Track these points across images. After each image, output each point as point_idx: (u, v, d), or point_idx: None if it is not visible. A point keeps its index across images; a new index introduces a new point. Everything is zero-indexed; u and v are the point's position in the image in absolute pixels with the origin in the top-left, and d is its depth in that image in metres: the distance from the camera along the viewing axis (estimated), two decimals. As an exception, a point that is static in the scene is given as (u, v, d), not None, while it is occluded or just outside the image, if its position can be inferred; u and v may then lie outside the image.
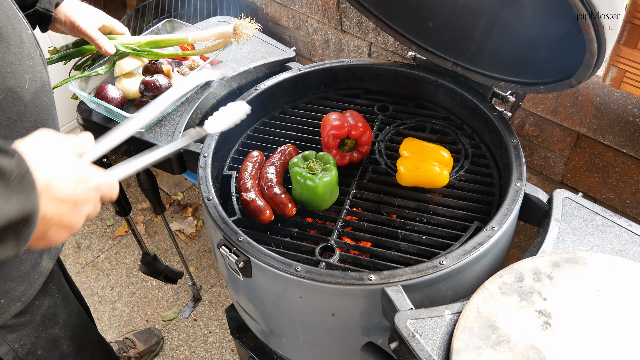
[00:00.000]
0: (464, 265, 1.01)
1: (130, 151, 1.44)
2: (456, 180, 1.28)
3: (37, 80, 0.83)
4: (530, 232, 1.78)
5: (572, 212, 1.11)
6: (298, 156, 1.22)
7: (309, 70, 1.50)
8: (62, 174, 0.70)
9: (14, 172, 0.61)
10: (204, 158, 1.26)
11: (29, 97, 0.81)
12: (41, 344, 1.16)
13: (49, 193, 0.68)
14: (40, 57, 0.85)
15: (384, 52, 1.89)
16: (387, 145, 1.38)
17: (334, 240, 1.15)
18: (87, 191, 0.74)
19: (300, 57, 2.27)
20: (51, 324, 1.18)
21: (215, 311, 2.37)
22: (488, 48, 1.32)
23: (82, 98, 1.43)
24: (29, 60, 0.80)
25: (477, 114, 1.37)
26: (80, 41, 1.48)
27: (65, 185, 0.70)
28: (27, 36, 0.81)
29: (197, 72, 1.46)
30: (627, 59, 1.14)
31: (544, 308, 0.89)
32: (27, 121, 0.81)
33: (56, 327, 1.20)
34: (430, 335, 0.88)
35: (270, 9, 2.22)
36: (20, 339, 1.10)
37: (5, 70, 0.75)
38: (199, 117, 1.47)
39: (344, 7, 1.90)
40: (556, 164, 1.60)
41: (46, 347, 1.17)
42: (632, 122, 1.34)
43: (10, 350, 1.08)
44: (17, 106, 0.79)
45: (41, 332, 1.16)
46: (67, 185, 0.70)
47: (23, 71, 0.79)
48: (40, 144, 0.70)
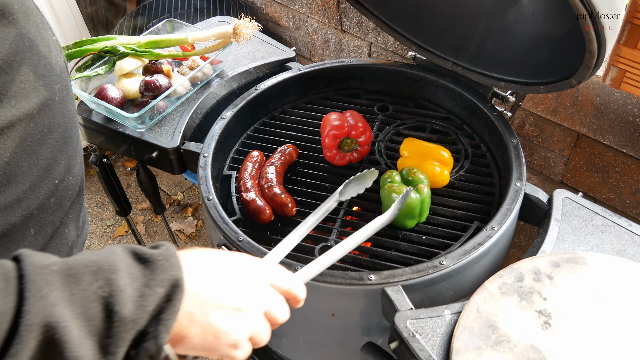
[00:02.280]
0: (464, 265, 1.01)
1: (130, 151, 1.44)
2: (456, 180, 1.28)
3: (64, 90, 0.81)
4: (530, 232, 1.78)
5: (572, 212, 1.10)
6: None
7: (309, 70, 1.50)
8: (223, 266, 0.64)
9: (160, 255, 0.57)
10: (204, 158, 1.26)
11: (58, 108, 0.79)
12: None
13: (196, 276, 0.60)
14: (64, 62, 0.83)
15: (384, 52, 1.89)
16: (387, 146, 1.38)
17: (333, 240, 1.15)
18: (251, 293, 0.65)
19: (300, 57, 2.27)
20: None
21: (215, 311, 2.37)
22: (488, 48, 1.32)
23: (82, 98, 1.43)
24: (57, 68, 0.79)
25: (477, 114, 1.37)
26: (80, 41, 1.48)
27: (218, 280, 0.62)
28: (53, 43, 0.79)
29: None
30: (627, 59, 1.14)
31: (544, 308, 0.89)
32: (55, 132, 0.80)
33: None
34: (430, 335, 0.88)
35: (270, 9, 2.22)
36: None
37: (37, 85, 0.73)
38: (199, 117, 1.47)
39: (344, 7, 1.90)
40: (556, 164, 1.60)
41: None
42: (632, 122, 1.34)
43: None
44: (48, 118, 0.77)
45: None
46: (220, 281, 0.62)
47: (53, 82, 0.77)
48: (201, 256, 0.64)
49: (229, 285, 0.63)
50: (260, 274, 0.69)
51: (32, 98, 0.73)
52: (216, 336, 0.61)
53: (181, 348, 0.60)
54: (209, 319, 0.60)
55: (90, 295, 0.51)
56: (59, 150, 0.82)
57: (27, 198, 0.76)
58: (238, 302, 0.63)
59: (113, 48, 1.47)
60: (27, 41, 0.72)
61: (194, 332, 0.60)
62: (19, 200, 0.75)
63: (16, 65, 0.70)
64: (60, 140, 0.82)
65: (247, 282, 0.65)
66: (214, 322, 0.61)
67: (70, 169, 0.87)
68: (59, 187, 0.83)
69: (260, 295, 0.67)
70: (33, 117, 0.74)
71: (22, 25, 0.71)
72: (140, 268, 0.55)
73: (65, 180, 0.85)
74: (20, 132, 0.72)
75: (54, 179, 0.82)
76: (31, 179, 0.77)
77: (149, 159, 1.39)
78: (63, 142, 0.83)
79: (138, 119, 1.36)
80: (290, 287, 0.72)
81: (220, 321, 0.61)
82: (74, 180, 0.88)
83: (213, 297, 0.61)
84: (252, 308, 0.65)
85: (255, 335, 0.66)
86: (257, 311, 0.66)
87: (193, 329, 0.59)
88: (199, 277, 0.61)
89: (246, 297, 0.64)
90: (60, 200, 0.85)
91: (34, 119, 0.74)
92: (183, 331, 0.59)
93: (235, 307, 0.63)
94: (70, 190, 0.87)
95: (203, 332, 0.60)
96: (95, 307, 0.51)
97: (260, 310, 0.66)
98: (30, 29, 0.73)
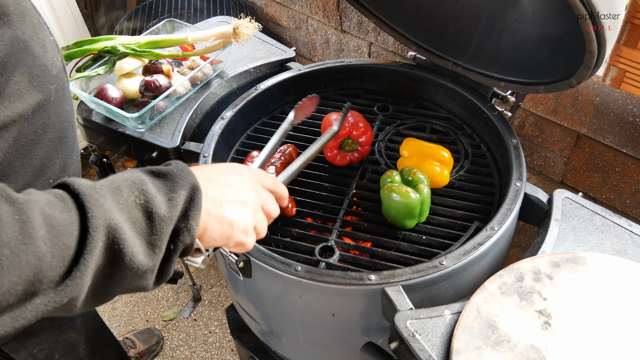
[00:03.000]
0: (464, 265, 1.01)
1: (130, 151, 1.44)
2: (456, 180, 1.28)
3: (59, 90, 0.82)
4: (530, 232, 1.78)
5: (572, 212, 1.10)
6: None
7: (309, 70, 1.50)
8: (222, 173, 0.76)
9: (174, 168, 0.66)
10: (204, 158, 1.26)
11: (53, 108, 0.80)
12: (58, 349, 1.15)
13: (206, 181, 0.71)
14: (62, 63, 0.84)
15: (384, 52, 1.89)
16: (387, 145, 1.38)
17: (333, 240, 1.15)
18: (250, 190, 0.77)
19: (300, 57, 2.27)
20: (68, 328, 1.18)
21: (215, 311, 2.37)
22: (488, 48, 1.32)
23: (82, 98, 1.43)
24: (53, 69, 0.79)
25: (477, 114, 1.37)
26: (80, 41, 1.48)
27: (223, 182, 0.74)
28: (50, 44, 0.80)
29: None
30: (627, 59, 1.14)
31: (544, 308, 0.89)
32: (50, 132, 0.81)
33: (73, 332, 1.19)
34: (430, 335, 0.88)
35: (270, 9, 2.22)
36: (38, 344, 1.09)
37: (32, 86, 0.74)
38: (199, 117, 1.47)
39: (344, 7, 1.90)
40: (556, 164, 1.60)
41: (63, 351, 1.17)
42: (632, 122, 1.34)
43: (29, 355, 1.07)
44: (43, 119, 0.78)
45: (59, 336, 1.15)
46: (225, 183, 0.74)
47: (48, 82, 0.78)
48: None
49: (231, 185, 0.75)
50: (252, 175, 0.80)
51: (27, 99, 0.74)
52: (230, 225, 0.72)
53: (205, 241, 0.71)
54: (222, 212, 0.72)
55: (131, 203, 0.60)
56: (53, 150, 0.83)
57: None
58: (241, 196, 0.75)
59: (113, 48, 1.47)
60: (22, 42, 0.72)
61: (213, 225, 0.71)
62: None
63: (10, 66, 0.70)
64: (55, 140, 0.83)
65: (244, 182, 0.77)
66: (227, 214, 0.72)
67: (65, 169, 0.88)
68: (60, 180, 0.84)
69: (255, 190, 0.78)
70: (27, 118, 0.75)
71: (17, 27, 0.71)
72: (161, 180, 0.65)
73: (61, 179, 0.86)
74: (13, 133, 0.73)
75: (49, 178, 0.83)
76: (25, 179, 0.78)
77: (149, 159, 1.39)
78: (58, 142, 0.84)
79: (138, 119, 1.36)
80: (275, 185, 0.85)
81: (232, 212, 0.73)
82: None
83: (222, 195, 0.73)
84: (253, 201, 0.77)
85: (258, 224, 0.78)
86: (256, 203, 0.78)
87: (212, 222, 0.70)
88: (207, 181, 0.72)
89: (246, 192, 0.76)
90: None
91: (28, 120, 0.75)
92: (204, 224, 0.70)
93: (240, 201, 0.75)
94: None
95: (220, 223, 0.71)
96: (137, 212, 0.60)
97: (259, 203, 0.79)
98: (26, 30, 0.73)
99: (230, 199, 0.73)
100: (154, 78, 1.43)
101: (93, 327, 1.30)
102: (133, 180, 0.62)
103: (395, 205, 1.11)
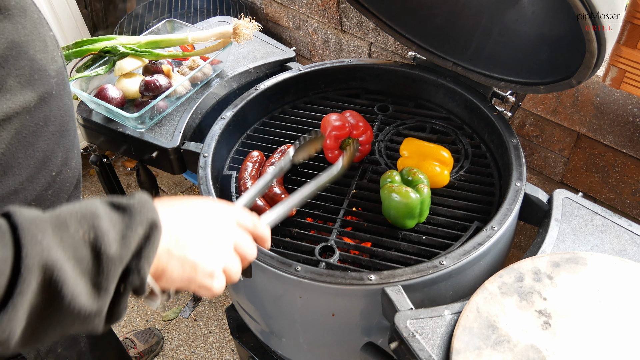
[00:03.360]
0: (464, 265, 1.01)
1: (130, 151, 1.44)
2: (456, 180, 1.28)
3: (60, 84, 0.83)
4: (530, 232, 1.78)
5: (572, 212, 1.10)
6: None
7: (309, 70, 1.50)
8: (194, 209, 0.71)
9: (135, 202, 0.62)
10: (204, 158, 1.26)
11: (54, 102, 0.81)
12: (61, 342, 1.16)
13: (171, 218, 0.67)
14: (62, 58, 0.85)
15: (384, 52, 1.89)
16: (387, 145, 1.38)
17: (333, 240, 1.15)
18: (221, 229, 0.72)
19: (300, 57, 2.27)
20: None
21: (215, 311, 2.37)
22: (488, 48, 1.32)
23: (82, 98, 1.43)
24: (53, 64, 0.80)
25: (477, 114, 1.37)
26: (80, 41, 1.48)
27: (190, 219, 0.69)
28: (50, 39, 0.81)
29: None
30: (627, 59, 1.14)
31: (544, 308, 0.89)
32: (52, 125, 0.82)
33: None
34: (430, 335, 0.88)
35: (270, 9, 2.22)
36: None
37: (33, 78, 0.75)
38: (199, 117, 1.47)
39: (344, 7, 1.90)
40: (556, 164, 1.60)
41: (66, 344, 1.18)
42: (632, 122, 1.34)
43: (33, 348, 1.08)
44: (44, 112, 0.79)
45: None
46: (192, 220, 0.69)
47: (49, 76, 0.79)
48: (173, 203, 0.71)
49: (200, 223, 0.70)
50: (227, 214, 0.75)
51: (28, 92, 0.75)
52: (193, 267, 0.67)
53: (164, 282, 0.66)
54: (185, 253, 0.67)
55: (78, 240, 0.56)
56: (55, 143, 0.84)
57: (25, 189, 0.77)
58: (209, 236, 0.70)
59: (113, 48, 1.47)
60: (23, 37, 0.73)
61: (173, 266, 0.66)
62: (16, 191, 0.75)
63: (12, 59, 0.71)
64: (57, 133, 0.84)
65: (216, 220, 0.72)
66: (190, 255, 0.67)
67: (67, 162, 0.89)
68: (57, 179, 0.84)
69: (228, 231, 0.73)
70: (29, 110, 0.76)
71: (17, 21, 0.72)
72: (119, 214, 0.60)
73: (63, 172, 0.86)
74: (16, 125, 0.74)
75: (51, 171, 0.84)
76: (28, 171, 0.79)
77: (149, 159, 1.39)
78: (59, 134, 0.85)
79: (138, 119, 1.36)
80: (255, 226, 0.79)
81: (196, 254, 0.68)
82: (71, 173, 0.89)
83: (187, 234, 0.68)
84: (223, 241, 0.72)
85: (227, 268, 0.73)
86: (228, 244, 0.72)
87: (172, 262, 0.66)
88: (172, 218, 0.67)
89: (216, 232, 0.71)
90: (58, 193, 0.85)
91: (30, 112, 0.76)
92: (163, 265, 0.65)
93: (208, 241, 0.69)
94: (68, 183, 0.88)
95: (181, 265, 0.66)
96: (84, 250, 0.56)
97: (230, 244, 0.73)
98: (26, 25, 0.74)
99: (197, 238, 0.68)
100: (154, 78, 1.43)
101: None
102: (84, 213, 0.58)
103: (395, 205, 1.11)
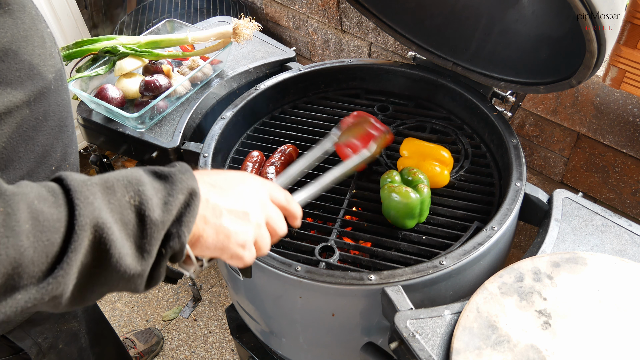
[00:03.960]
0: (464, 265, 1.01)
1: (130, 151, 1.44)
2: (456, 180, 1.28)
3: (58, 80, 0.84)
4: (530, 232, 1.78)
5: (572, 212, 1.10)
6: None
7: (309, 70, 1.50)
8: (230, 181, 0.73)
9: (176, 171, 0.65)
10: (204, 158, 1.26)
11: (52, 97, 0.82)
12: (62, 338, 1.17)
13: (209, 187, 0.69)
14: (59, 54, 0.87)
15: (384, 52, 1.89)
16: (387, 145, 1.38)
17: (333, 240, 1.15)
18: (255, 202, 0.73)
19: (300, 57, 2.27)
20: (71, 317, 1.20)
21: (215, 311, 2.37)
22: (488, 48, 1.32)
23: (82, 98, 1.43)
24: (51, 59, 0.81)
25: (477, 114, 1.37)
26: (80, 41, 1.48)
27: (227, 190, 0.71)
28: (47, 35, 0.82)
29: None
30: (627, 59, 1.14)
31: (544, 308, 0.89)
32: (51, 120, 0.83)
33: (75, 321, 1.22)
34: (430, 335, 0.88)
35: (270, 9, 2.22)
36: (42, 333, 1.11)
37: (32, 73, 0.76)
38: (199, 117, 1.47)
39: (344, 7, 1.90)
40: (556, 164, 1.60)
41: (67, 340, 1.19)
42: (632, 122, 1.34)
43: (34, 344, 1.09)
44: (43, 106, 0.80)
45: (62, 325, 1.17)
46: (229, 190, 0.71)
47: (47, 71, 0.80)
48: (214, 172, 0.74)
49: (236, 194, 0.71)
50: (262, 188, 0.77)
51: (28, 86, 0.76)
52: (227, 236, 0.69)
53: (198, 249, 0.68)
54: (220, 221, 0.68)
55: (124, 203, 0.58)
56: (54, 138, 0.85)
57: None
58: (244, 207, 0.71)
59: (113, 48, 1.47)
60: (23, 31, 0.74)
61: (208, 233, 0.67)
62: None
63: (12, 54, 0.72)
64: (56, 128, 0.85)
65: (251, 192, 0.74)
66: (225, 223, 0.69)
67: (66, 157, 0.90)
68: (56, 174, 0.86)
69: (262, 204, 0.75)
70: (29, 104, 0.77)
71: (17, 16, 0.73)
72: (161, 182, 0.62)
73: (62, 167, 0.87)
74: (16, 119, 0.75)
75: (51, 165, 0.85)
76: (28, 165, 0.80)
77: (149, 159, 1.39)
78: (58, 129, 0.86)
79: (138, 119, 1.36)
80: (288, 203, 0.80)
81: (230, 223, 0.69)
82: (70, 168, 0.90)
83: (223, 203, 0.69)
84: (256, 214, 0.73)
85: (259, 240, 0.74)
86: (261, 217, 0.74)
87: (207, 230, 0.67)
88: (210, 187, 0.69)
89: (251, 204, 0.72)
90: None
91: (29, 106, 0.77)
92: (199, 232, 0.67)
93: (242, 211, 0.71)
94: None
95: (216, 233, 0.68)
96: (130, 214, 0.58)
97: (263, 217, 0.74)
98: (25, 20, 0.75)
99: (232, 208, 0.70)
100: (154, 78, 1.43)
101: (93, 318, 1.32)
102: (130, 179, 0.60)
103: (395, 205, 1.11)
